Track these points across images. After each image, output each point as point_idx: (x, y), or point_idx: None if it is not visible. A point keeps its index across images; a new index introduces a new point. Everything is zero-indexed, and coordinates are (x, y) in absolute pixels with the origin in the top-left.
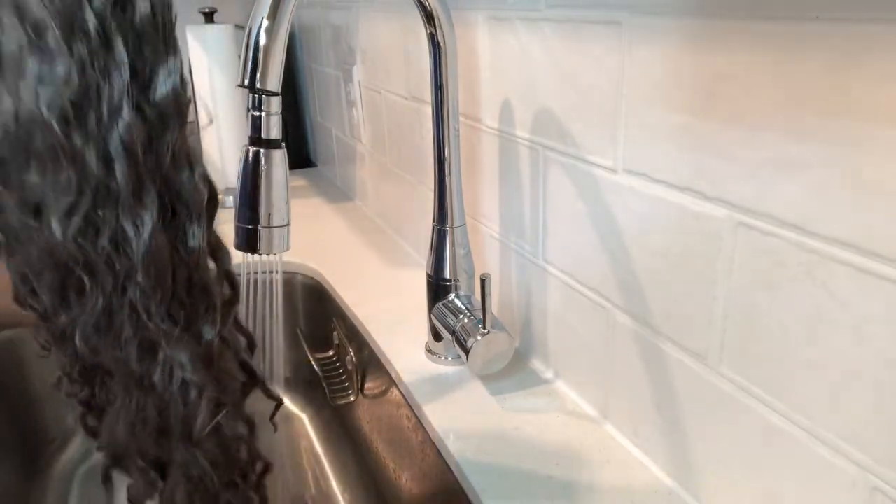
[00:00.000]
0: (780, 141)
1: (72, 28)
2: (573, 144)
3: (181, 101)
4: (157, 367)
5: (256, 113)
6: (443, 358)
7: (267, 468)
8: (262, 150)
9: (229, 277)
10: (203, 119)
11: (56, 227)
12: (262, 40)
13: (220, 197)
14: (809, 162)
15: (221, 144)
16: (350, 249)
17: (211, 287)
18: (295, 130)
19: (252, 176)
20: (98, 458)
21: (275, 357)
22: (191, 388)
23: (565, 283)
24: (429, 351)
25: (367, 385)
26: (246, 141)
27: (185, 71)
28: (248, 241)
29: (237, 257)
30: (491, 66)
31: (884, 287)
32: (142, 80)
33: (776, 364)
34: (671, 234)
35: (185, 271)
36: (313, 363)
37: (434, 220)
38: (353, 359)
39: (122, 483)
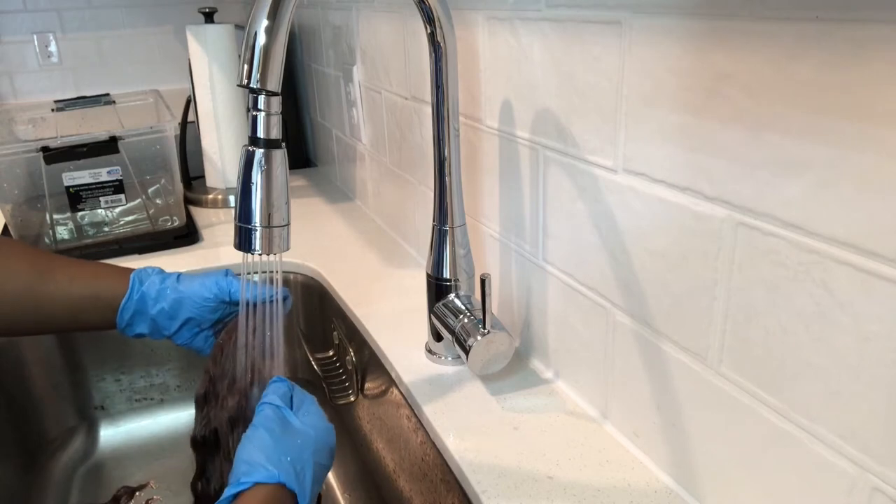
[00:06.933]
0: (780, 141)
1: None
2: (573, 144)
3: None
4: None
5: (256, 113)
6: (443, 358)
7: None
8: (262, 150)
9: None
10: (203, 119)
11: None
12: (262, 40)
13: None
14: (809, 162)
15: (221, 144)
16: (350, 249)
17: None
18: (295, 130)
19: (252, 176)
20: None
21: (275, 357)
22: None
23: (565, 283)
24: (429, 351)
25: (367, 385)
26: (246, 141)
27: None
28: (248, 241)
29: (237, 257)
30: (491, 66)
31: (884, 287)
32: None
33: (776, 364)
34: (671, 233)
35: None
36: (313, 363)
37: (434, 220)
38: (353, 359)
39: None
